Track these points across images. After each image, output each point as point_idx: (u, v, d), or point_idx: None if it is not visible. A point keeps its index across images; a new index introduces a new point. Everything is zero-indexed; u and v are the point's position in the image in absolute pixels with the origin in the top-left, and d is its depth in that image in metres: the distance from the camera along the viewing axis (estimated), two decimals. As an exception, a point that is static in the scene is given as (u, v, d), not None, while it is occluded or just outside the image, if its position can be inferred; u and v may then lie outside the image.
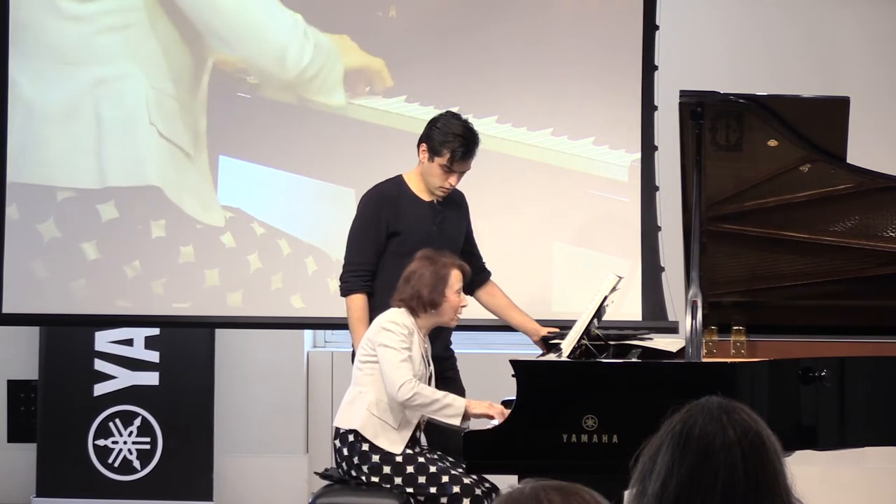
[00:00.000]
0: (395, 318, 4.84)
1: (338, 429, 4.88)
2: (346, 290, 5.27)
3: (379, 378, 4.81)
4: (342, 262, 5.35)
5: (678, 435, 2.06)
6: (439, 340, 5.21)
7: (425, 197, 5.30)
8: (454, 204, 5.39)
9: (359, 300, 5.23)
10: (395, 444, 4.81)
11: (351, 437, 4.83)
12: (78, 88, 6.28)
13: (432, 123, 5.27)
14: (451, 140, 5.18)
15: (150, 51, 6.26)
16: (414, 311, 4.87)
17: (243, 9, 6.27)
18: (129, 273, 6.25)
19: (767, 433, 2.07)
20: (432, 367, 4.98)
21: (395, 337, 4.78)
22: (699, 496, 2.02)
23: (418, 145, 5.28)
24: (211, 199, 6.25)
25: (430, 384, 4.91)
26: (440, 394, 4.80)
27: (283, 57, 6.23)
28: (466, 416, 4.79)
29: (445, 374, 5.24)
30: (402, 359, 4.76)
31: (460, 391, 5.22)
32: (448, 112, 5.35)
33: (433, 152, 5.21)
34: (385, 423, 4.81)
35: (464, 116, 5.33)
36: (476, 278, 5.40)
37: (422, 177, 5.29)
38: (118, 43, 6.27)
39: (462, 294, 4.93)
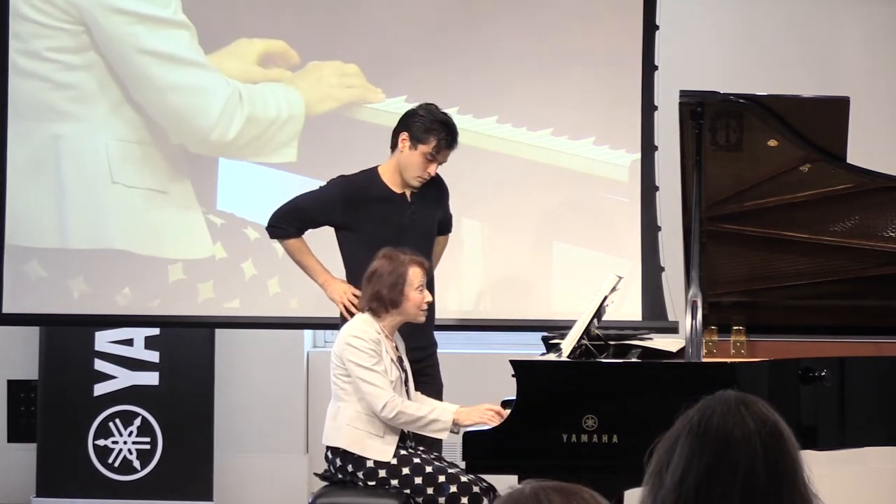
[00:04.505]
0: (358, 331, 4.80)
1: (327, 445, 4.88)
2: (280, 234, 5.34)
3: (355, 391, 4.79)
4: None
5: (696, 427, 2.03)
6: (419, 332, 5.15)
7: (398, 189, 5.28)
8: (431, 193, 5.33)
9: (294, 242, 5.33)
10: (383, 452, 4.78)
11: (340, 453, 4.83)
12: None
13: (412, 113, 5.24)
14: (438, 128, 5.16)
15: (106, 104, 6.27)
16: (376, 313, 4.85)
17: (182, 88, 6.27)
18: (121, 301, 6.26)
19: (784, 425, 2.04)
20: (408, 369, 4.93)
21: (362, 354, 4.75)
22: (720, 486, 1.98)
23: (396, 135, 5.24)
24: (199, 226, 6.23)
25: (406, 386, 4.89)
26: (425, 409, 4.77)
27: (210, 128, 6.24)
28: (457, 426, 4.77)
29: (424, 371, 5.21)
30: (375, 376, 4.74)
31: (437, 389, 5.21)
32: (426, 103, 5.31)
33: (416, 140, 5.17)
34: (370, 434, 4.78)
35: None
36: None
37: (397, 168, 5.26)
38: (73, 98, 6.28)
39: (425, 290, 4.88)
